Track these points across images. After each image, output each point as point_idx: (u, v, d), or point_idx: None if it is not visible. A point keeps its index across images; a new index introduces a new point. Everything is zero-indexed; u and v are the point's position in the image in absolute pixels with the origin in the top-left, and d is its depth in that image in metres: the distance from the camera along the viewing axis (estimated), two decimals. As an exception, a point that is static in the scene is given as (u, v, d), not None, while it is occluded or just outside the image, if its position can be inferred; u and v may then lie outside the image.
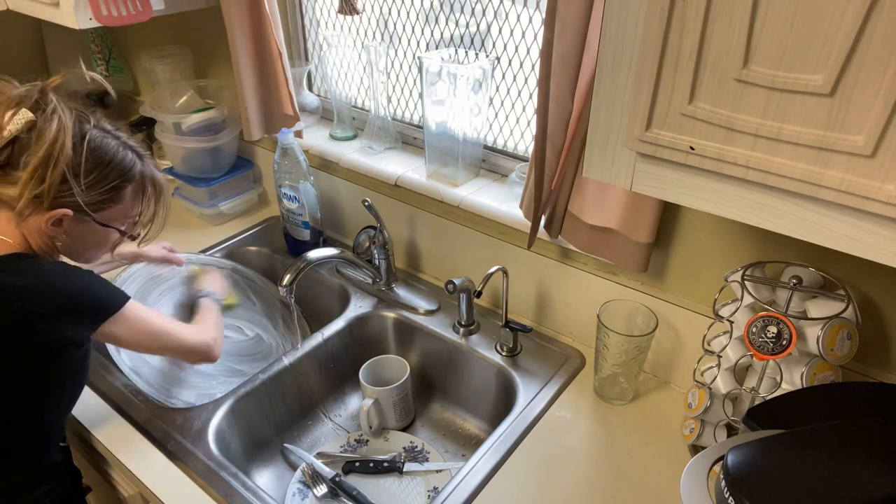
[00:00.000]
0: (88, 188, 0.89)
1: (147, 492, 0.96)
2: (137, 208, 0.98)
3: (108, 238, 0.98)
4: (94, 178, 0.90)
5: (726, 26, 0.52)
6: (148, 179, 0.98)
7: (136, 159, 0.96)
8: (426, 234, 1.36)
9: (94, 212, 0.92)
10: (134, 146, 0.97)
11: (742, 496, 0.59)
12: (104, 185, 0.91)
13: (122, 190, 0.94)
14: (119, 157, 0.93)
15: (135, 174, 0.95)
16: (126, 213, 0.97)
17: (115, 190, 0.93)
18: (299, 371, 1.21)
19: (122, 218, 0.97)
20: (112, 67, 1.92)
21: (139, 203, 0.98)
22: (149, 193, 0.99)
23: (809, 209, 0.56)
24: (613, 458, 0.99)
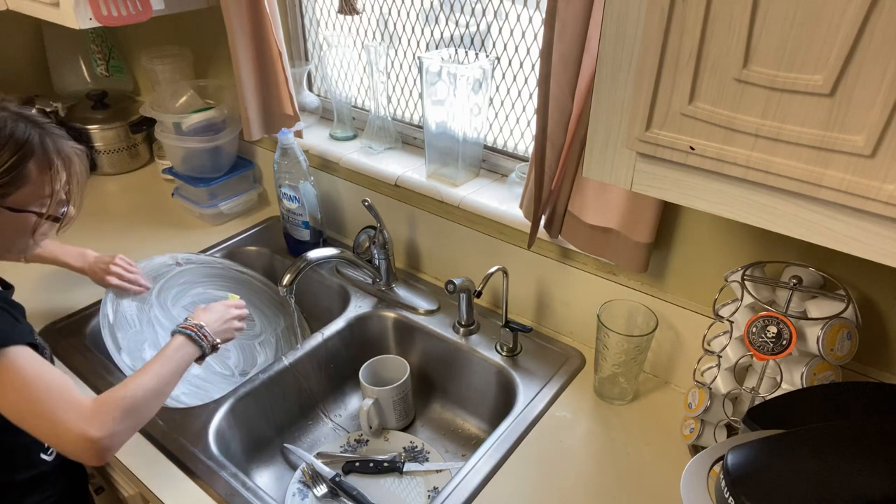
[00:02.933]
0: None
1: (147, 492, 0.96)
2: (48, 185, 0.87)
3: (26, 224, 0.88)
4: None
5: (726, 26, 0.52)
6: (52, 151, 0.87)
7: (33, 130, 0.85)
8: (426, 234, 1.36)
9: (2, 197, 0.83)
10: (30, 115, 0.87)
11: (742, 496, 0.59)
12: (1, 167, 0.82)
13: (24, 167, 0.84)
14: (9, 132, 0.83)
15: (33, 147, 0.84)
16: (38, 192, 0.86)
17: (15, 169, 0.83)
18: (299, 371, 1.20)
19: (36, 199, 0.87)
20: (112, 67, 1.92)
21: (48, 179, 0.87)
22: (56, 166, 0.87)
23: (809, 209, 0.56)
24: (613, 458, 0.99)
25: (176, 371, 0.93)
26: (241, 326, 1.09)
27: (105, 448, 0.81)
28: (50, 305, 1.29)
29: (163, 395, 0.91)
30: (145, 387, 0.87)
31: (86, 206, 1.20)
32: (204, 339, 0.98)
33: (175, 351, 0.95)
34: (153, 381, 0.89)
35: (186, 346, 0.97)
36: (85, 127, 1.77)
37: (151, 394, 0.88)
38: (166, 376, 0.91)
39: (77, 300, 1.31)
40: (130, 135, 1.82)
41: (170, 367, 0.92)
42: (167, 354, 0.94)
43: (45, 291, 1.29)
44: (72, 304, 1.30)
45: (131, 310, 1.19)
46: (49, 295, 1.31)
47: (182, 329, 0.98)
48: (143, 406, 0.87)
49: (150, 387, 0.88)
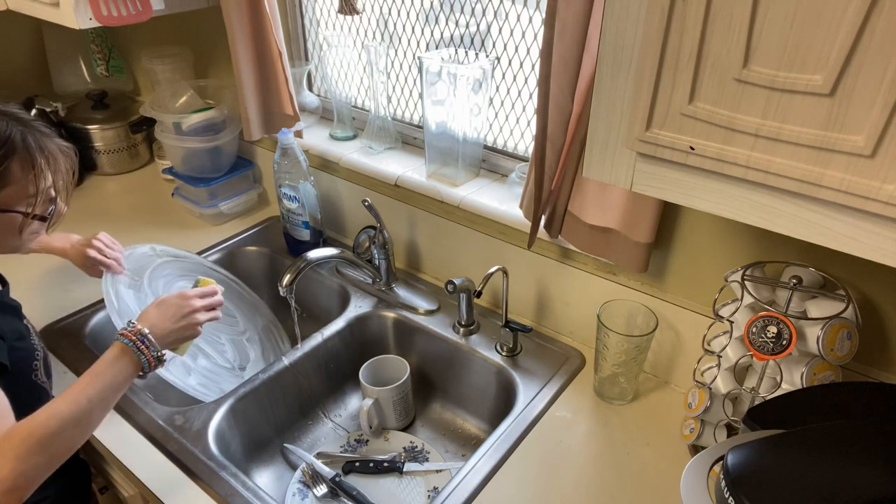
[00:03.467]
0: None
1: (147, 492, 0.96)
2: (32, 184, 0.85)
3: (13, 224, 0.86)
4: None
5: (726, 26, 0.52)
6: (35, 149, 0.84)
7: (16, 128, 0.83)
8: (426, 234, 1.36)
9: None
10: (13, 112, 0.85)
11: (742, 496, 0.59)
12: None
13: (5, 166, 0.81)
14: None
15: (15, 146, 0.82)
16: (22, 191, 0.84)
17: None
18: (299, 371, 1.20)
19: (21, 198, 0.85)
20: (112, 67, 1.92)
21: (32, 178, 0.84)
22: (40, 164, 0.85)
23: (809, 209, 0.56)
24: (613, 458, 0.99)
25: (108, 390, 0.82)
26: (208, 318, 0.96)
27: (7, 490, 0.72)
28: (50, 305, 1.29)
29: (88, 424, 0.80)
30: (62, 415, 0.76)
31: (86, 206, 1.20)
32: (144, 352, 0.85)
33: (109, 366, 0.83)
34: (72, 407, 0.78)
35: (123, 358, 0.84)
36: (85, 127, 1.77)
37: (70, 423, 0.77)
38: (93, 399, 0.80)
39: (77, 300, 1.31)
40: (130, 135, 1.82)
41: (99, 385, 0.81)
42: (98, 370, 0.82)
43: (45, 291, 1.29)
44: (72, 303, 1.30)
45: (129, 297, 1.17)
46: (49, 294, 1.31)
47: (121, 336, 0.86)
48: (56, 439, 0.75)
49: (68, 415, 0.77)
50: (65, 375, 1.13)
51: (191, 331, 0.93)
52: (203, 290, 0.98)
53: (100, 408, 0.81)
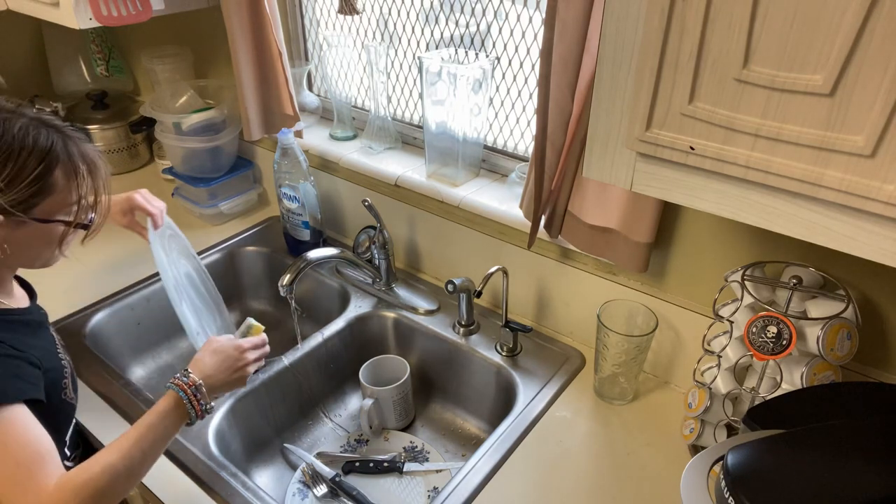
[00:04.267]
0: (8, 186, 0.76)
1: (147, 492, 0.96)
2: (76, 192, 0.83)
3: (54, 234, 0.84)
4: (11, 173, 0.76)
5: (726, 26, 0.52)
6: (77, 157, 0.83)
7: (56, 136, 0.81)
8: (426, 234, 1.36)
9: (26, 210, 0.79)
10: (49, 120, 0.83)
11: (742, 496, 0.59)
12: (26, 178, 0.77)
13: (50, 176, 0.80)
14: (32, 139, 0.78)
15: (58, 154, 0.80)
16: (65, 201, 0.83)
17: (41, 179, 0.79)
18: (299, 371, 1.20)
19: (63, 207, 0.83)
20: (112, 67, 1.92)
21: (75, 186, 0.83)
22: (82, 172, 0.83)
23: (809, 209, 0.56)
24: (613, 458, 0.99)
25: (160, 441, 0.82)
26: (254, 370, 0.95)
27: None
28: (49, 305, 1.28)
29: (138, 475, 0.81)
30: (115, 470, 0.76)
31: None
32: (195, 407, 0.85)
33: (162, 418, 0.83)
34: (126, 461, 0.78)
35: (177, 410, 0.84)
36: (85, 127, 1.77)
37: (122, 477, 0.77)
38: (146, 451, 0.80)
39: (77, 300, 1.31)
40: (130, 135, 1.82)
41: (151, 437, 0.81)
42: (151, 422, 0.82)
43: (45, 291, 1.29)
44: (72, 303, 1.30)
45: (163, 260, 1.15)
46: (49, 295, 1.31)
47: (175, 385, 0.86)
48: (109, 490, 0.76)
49: (122, 469, 0.77)
50: (65, 375, 1.13)
51: (240, 384, 0.93)
52: (256, 340, 0.97)
53: (151, 459, 0.82)
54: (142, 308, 1.34)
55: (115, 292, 1.34)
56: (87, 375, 1.13)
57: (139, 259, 1.44)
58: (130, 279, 1.37)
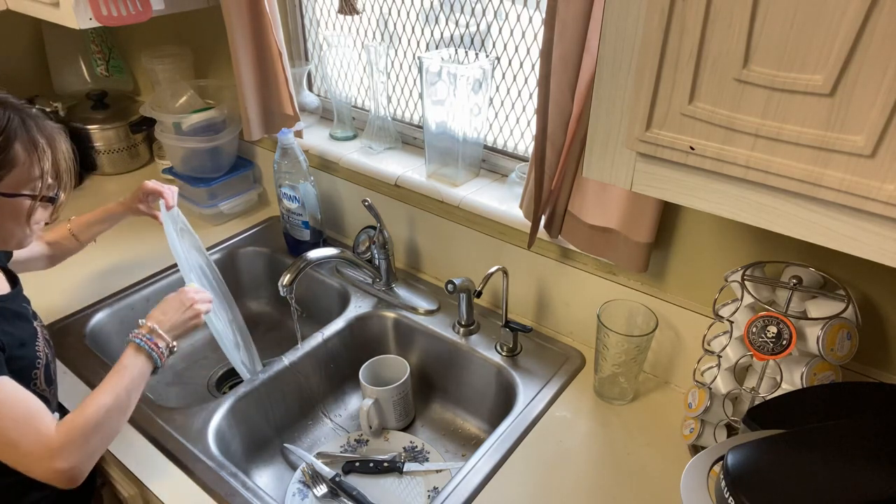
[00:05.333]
0: None
1: (147, 492, 0.96)
2: (37, 165, 0.87)
3: (21, 209, 0.88)
4: None
5: (726, 26, 0.52)
6: (35, 131, 0.87)
7: (12, 113, 0.85)
8: (426, 234, 1.36)
9: None
10: (5, 99, 0.87)
11: (742, 496, 0.59)
12: None
13: (10, 149, 0.84)
14: None
15: (16, 129, 0.85)
16: (28, 175, 0.87)
17: (3, 151, 0.83)
18: (299, 371, 1.20)
19: (27, 182, 0.87)
20: (112, 67, 1.92)
21: (36, 159, 0.87)
22: (42, 145, 0.87)
23: (809, 209, 0.56)
24: (613, 458, 0.99)
25: (134, 383, 0.91)
26: (206, 309, 1.04)
27: (75, 476, 0.83)
28: (50, 305, 1.29)
29: (126, 410, 0.90)
30: (106, 405, 0.87)
31: (86, 206, 1.21)
32: (155, 349, 0.94)
33: (129, 363, 0.92)
34: (111, 398, 0.88)
35: (139, 356, 0.93)
36: (85, 127, 1.77)
37: (114, 411, 0.87)
38: (127, 388, 0.90)
39: (77, 300, 1.31)
40: (130, 135, 1.82)
41: (126, 380, 0.90)
42: (120, 368, 0.92)
43: (45, 291, 1.29)
44: (72, 304, 1.30)
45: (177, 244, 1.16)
46: (49, 295, 1.31)
47: (133, 337, 0.95)
48: (106, 425, 0.86)
49: (111, 404, 0.87)
50: (64, 376, 1.13)
51: (195, 320, 1.02)
52: (195, 286, 1.07)
53: (133, 396, 0.91)
54: (142, 308, 1.34)
55: (115, 292, 1.34)
56: (87, 375, 1.13)
57: (139, 259, 1.44)
58: (130, 279, 1.38)
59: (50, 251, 1.19)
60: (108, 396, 0.88)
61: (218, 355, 1.42)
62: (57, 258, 1.21)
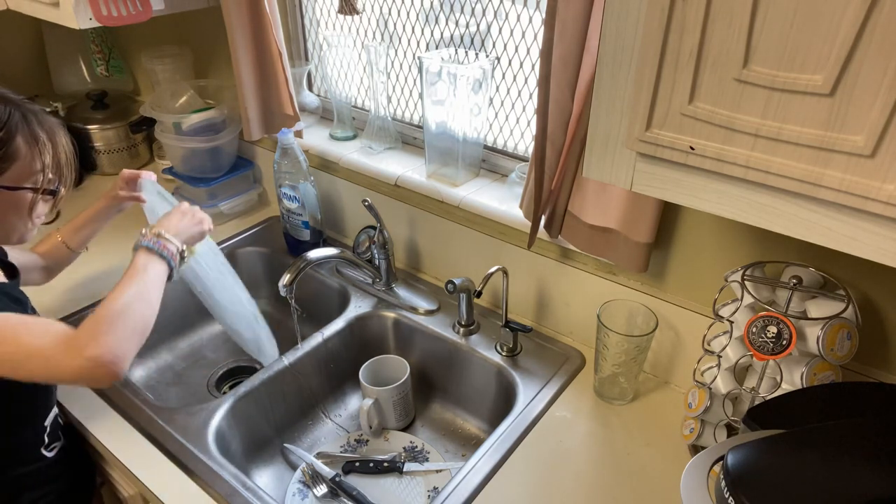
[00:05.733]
0: None
1: (147, 492, 0.96)
2: (38, 158, 0.88)
3: (23, 202, 0.89)
4: None
5: (726, 26, 0.52)
6: (36, 125, 0.88)
7: (13, 108, 0.87)
8: (426, 234, 1.36)
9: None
10: (5, 94, 0.88)
11: (742, 496, 0.59)
12: None
13: (12, 143, 0.85)
14: None
15: (17, 122, 0.86)
16: (30, 168, 0.88)
17: (5, 144, 0.84)
18: (299, 371, 1.21)
19: (29, 175, 0.88)
20: (112, 67, 1.92)
21: (37, 152, 0.88)
22: (42, 139, 0.89)
23: (809, 209, 0.56)
24: (613, 458, 0.99)
25: (151, 280, 0.90)
26: (206, 218, 1.07)
27: (114, 361, 0.79)
28: (50, 305, 1.29)
29: (148, 300, 0.87)
30: (124, 294, 0.85)
31: (86, 205, 1.21)
32: (165, 250, 0.94)
33: (142, 263, 0.91)
34: (129, 288, 0.86)
35: (151, 257, 0.93)
36: (85, 127, 1.77)
37: (135, 299, 0.85)
38: (145, 281, 0.89)
39: (77, 300, 1.31)
40: (130, 135, 1.82)
41: (142, 274, 0.89)
42: (132, 268, 0.90)
43: (42, 293, 1.29)
44: (72, 303, 1.30)
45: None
46: (49, 295, 1.31)
47: (140, 242, 0.94)
48: (129, 312, 0.83)
49: (131, 293, 0.86)
50: (65, 375, 1.13)
51: (198, 226, 1.04)
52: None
53: (155, 291, 0.90)
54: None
55: (114, 292, 1.34)
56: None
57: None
58: (130, 279, 1.37)
59: (44, 262, 1.17)
60: (125, 288, 0.86)
61: (217, 355, 1.42)
62: (52, 270, 1.19)
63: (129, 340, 0.82)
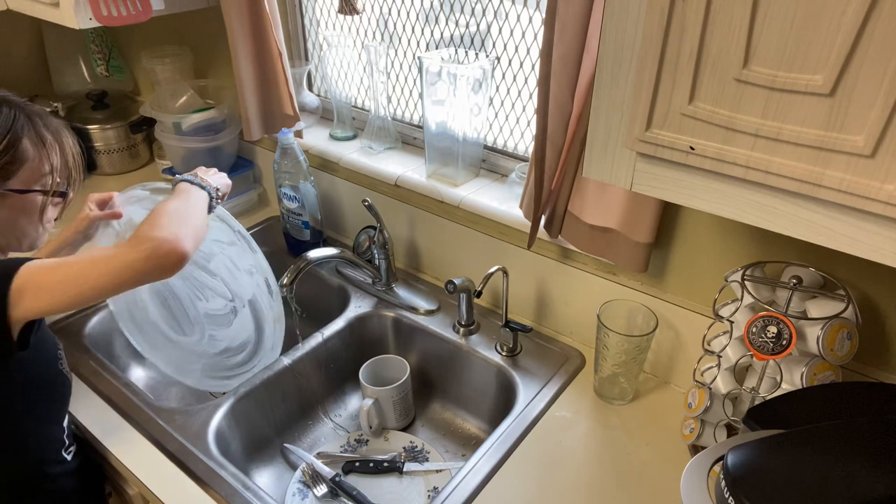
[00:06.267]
0: None
1: (147, 492, 0.96)
2: (46, 161, 0.88)
3: (34, 206, 0.89)
4: None
5: (726, 26, 0.53)
6: (41, 127, 0.88)
7: (17, 110, 0.87)
8: (426, 234, 1.36)
9: (3, 181, 0.84)
10: (8, 97, 0.88)
11: (742, 496, 0.59)
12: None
13: (20, 145, 0.85)
14: None
15: (22, 125, 0.86)
16: (38, 169, 0.88)
17: (12, 147, 0.84)
18: (299, 371, 1.20)
19: (38, 177, 0.88)
20: (112, 67, 1.92)
21: (45, 154, 0.88)
22: (49, 141, 0.89)
23: (809, 209, 0.56)
24: (613, 459, 0.99)
25: (194, 201, 0.94)
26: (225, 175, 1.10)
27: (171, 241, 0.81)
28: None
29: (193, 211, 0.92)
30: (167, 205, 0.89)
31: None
32: (203, 181, 0.99)
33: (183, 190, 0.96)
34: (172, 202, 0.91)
35: (191, 187, 0.97)
36: (85, 127, 1.77)
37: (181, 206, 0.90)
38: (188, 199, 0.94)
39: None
40: (130, 135, 1.82)
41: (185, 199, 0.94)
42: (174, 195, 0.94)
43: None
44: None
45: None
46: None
47: (178, 178, 0.99)
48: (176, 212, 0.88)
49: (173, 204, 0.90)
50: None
51: (223, 178, 1.06)
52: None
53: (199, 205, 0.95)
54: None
55: (115, 292, 1.34)
56: (87, 375, 1.13)
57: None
58: (130, 279, 1.37)
59: None
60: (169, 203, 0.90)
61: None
62: None
63: (183, 228, 0.85)
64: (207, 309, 1.20)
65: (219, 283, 1.16)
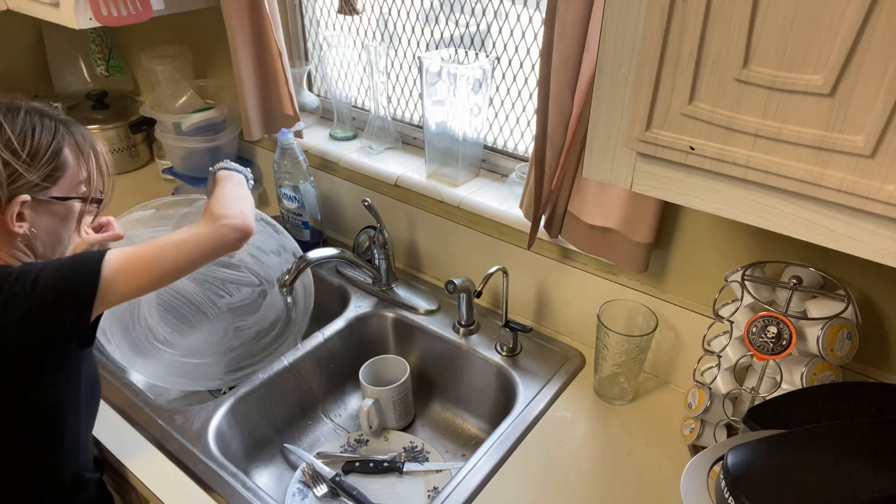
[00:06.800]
0: (32, 161, 0.83)
1: (147, 492, 0.96)
2: (84, 168, 0.91)
3: (73, 212, 0.91)
4: (30, 151, 0.83)
5: (726, 26, 0.53)
6: (79, 135, 0.91)
7: (55, 121, 0.89)
8: (426, 234, 1.36)
9: (46, 189, 0.86)
10: (42, 109, 0.89)
11: (742, 496, 0.59)
12: (43, 155, 0.85)
13: (62, 152, 0.87)
14: (39, 121, 0.86)
15: (63, 133, 0.88)
16: (77, 177, 0.90)
17: (56, 155, 0.86)
18: (299, 371, 1.20)
19: (76, 184, 0.90)
20: (112, 67, 1.92)
21: (83, 162, 0.91)
22: (87, 150, 0.91)
23: (809, 209, 0.56)
24: (613, 459, 0.99)
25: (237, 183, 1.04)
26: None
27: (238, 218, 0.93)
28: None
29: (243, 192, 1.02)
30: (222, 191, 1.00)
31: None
32: (236, 167, 1.08)
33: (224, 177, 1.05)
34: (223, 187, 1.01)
35: (229, 174, 1.06)
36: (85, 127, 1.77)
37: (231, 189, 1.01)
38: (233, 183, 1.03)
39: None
40: (130, 135, 1.82)
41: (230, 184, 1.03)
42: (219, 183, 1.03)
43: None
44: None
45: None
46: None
47: (213, 168, 1.08)
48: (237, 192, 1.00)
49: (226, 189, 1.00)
50: (65, 375, 1.13)
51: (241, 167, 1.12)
52: None
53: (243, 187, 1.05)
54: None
55: (115, 292, 1.33)
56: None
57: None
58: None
59: None
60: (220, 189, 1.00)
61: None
62: None
63: (245, 206, 0.97)
64: (231, 303, 1.22)
65: (244, 273, 1.20)
